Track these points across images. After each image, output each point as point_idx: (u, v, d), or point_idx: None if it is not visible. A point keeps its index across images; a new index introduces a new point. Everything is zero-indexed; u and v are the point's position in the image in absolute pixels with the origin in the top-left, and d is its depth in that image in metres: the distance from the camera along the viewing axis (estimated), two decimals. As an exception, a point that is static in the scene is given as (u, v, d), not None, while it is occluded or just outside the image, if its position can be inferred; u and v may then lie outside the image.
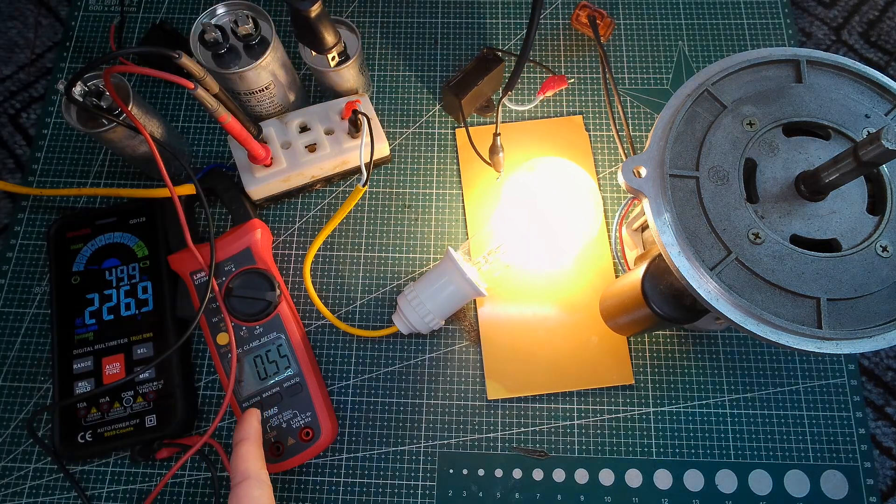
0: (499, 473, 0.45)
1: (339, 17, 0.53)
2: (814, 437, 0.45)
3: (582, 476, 0.44)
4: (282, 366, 0.44)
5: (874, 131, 0.32)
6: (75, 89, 0.41)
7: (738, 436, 0.45)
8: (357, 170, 0.51)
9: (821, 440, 0.45)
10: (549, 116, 0.53)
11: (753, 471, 0.44)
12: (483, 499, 0.44)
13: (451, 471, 0.45)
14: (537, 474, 0.45)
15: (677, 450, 0.45)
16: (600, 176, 0.51)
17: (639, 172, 0.35)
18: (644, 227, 0.46)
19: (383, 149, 0.50)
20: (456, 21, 0.57)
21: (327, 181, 0.51)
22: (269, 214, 0.51)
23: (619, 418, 0.46)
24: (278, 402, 0.44)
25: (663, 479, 0.44)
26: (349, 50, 0.47)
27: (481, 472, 0.45)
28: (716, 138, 0.35)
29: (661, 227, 0.33)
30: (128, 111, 0.42)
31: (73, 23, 0.57)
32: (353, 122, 0.47)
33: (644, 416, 0.46)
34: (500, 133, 0.49)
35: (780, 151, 0.35)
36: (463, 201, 0.51)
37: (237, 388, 0.44)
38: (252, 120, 0.46)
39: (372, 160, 0.47)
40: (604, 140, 0.52)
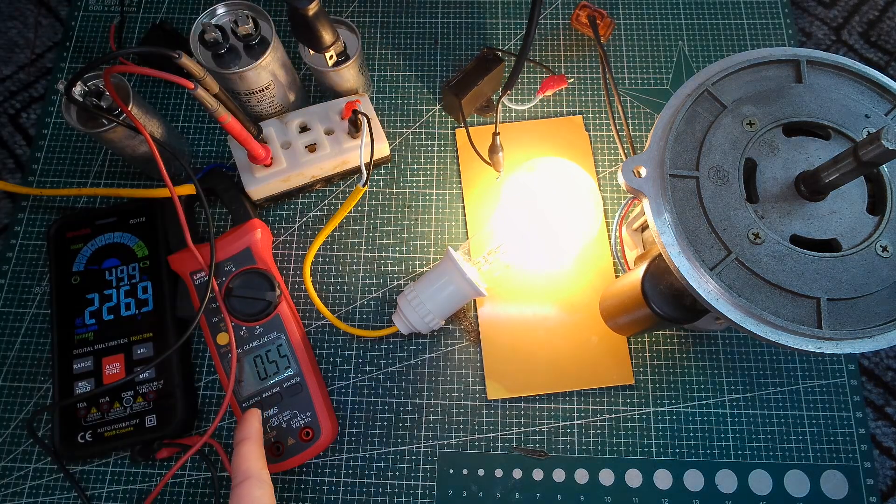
0: (499, 473, 0.45)
1: (339, 17, 0.53)
2: (814, 437, 0.45)
3: (582, 476, 0.44)
4: (282, 366, 0.44)
5: (874, 131, 0.32)
6: (75, 89, 0.41)
7: (738, 436, 0.45)
8: (357, 170, 0.51)
9: (821, 440, 0.45)
10: (549, 116, 0.53)
11: (753, 471, 0.44)
12: (483, 499, 0.44)
13: (451, 471, 0.45)
14: (537, 474, 0.45)
15: (677, 450, 0.45)
16: (600, 176, 0.51)
17: (639, 172, 0.35)
18: (644, 227, 0.46)
19: (383, 149, 0.50)
20: (456, 21, 0.57)
21: (327, 181, 0.51)
22: (269, 214, 0.51)
23: (619, 418, 0.46)
24: (278, 402, 0.44)
25: (663, 479, 0.44)
26: (349, 50, 0.47)
27: (481, 472, 0.45)
28: (716, 138, 0.35)
29: (661, 227, 0.33)
30: (128, 111, 0.42)
31: (73, 23, 0.57)
32: (353, 122, 0.47)
33: (644, 416, 0.46)
34: (500, 133, 0.49)
35: (780, 151, 0.35)
36: (463, 201, 0.51)
37: (237, 388, 0.44)
38: (252, 120, 0.46)
39: (372, 160, 0.47)
40: (604, 140, 0.52)
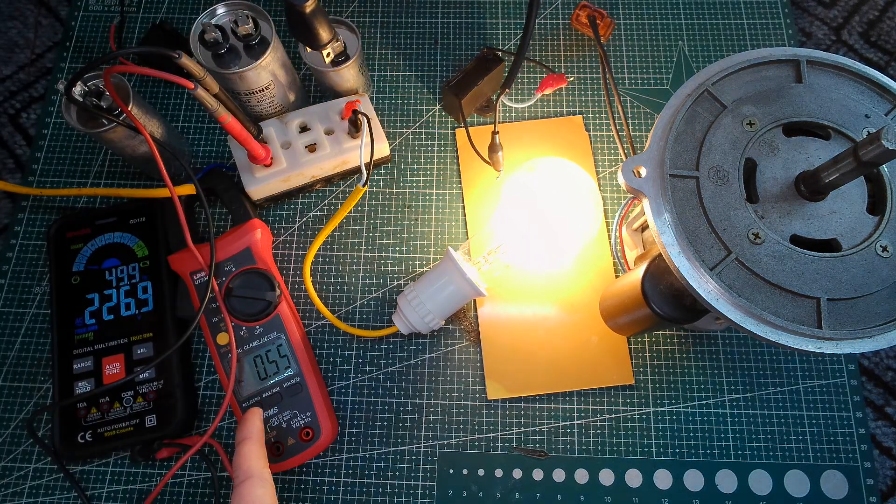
0: (499, 473, 0.45)
1: (339, 17, 0.53)
2: (814, 437, 0.45)
3: (582, 476, 0.44)
4: (282, 366, 0.44)
5: (874, 131, 0.32)
6: (75, 89, 0.41)
7: (738, 436, 0.45)
8: (357, 170, 0.51)
9: (821, 440, 0.45)
10: (549, 116, 0.53)
11: (753, 471, 0.44)
12: (483, 499, 0.44)
13: (451, 471, 0.45)
14: (537, 474, 0.45)
15: (677, 450, 0.45)
16: (600, 176, 0.51)
17: (639, 172, 0.35)
18: (644, 227, 0.46)
19: (383, 149, 0.50)
20: (456, 21, 0.57)
21: (327, 181, 0.51)
22: (269, 214, 0.51)
23: (619, 418, 0.46)
24: (278, 402, 0.44)
25: (663, 479, 0.44)
26: (349, 50, 0.47)
27: (481, 472, 0.45)
28: (716, 138, 0.35)
29: (661, 227, 0.33)
30: (128, 111, 0.42)
31: (73, 23, 0.57)
32: (353, 122, 0.47)
33: (644, 416, 0.46)
34: (501, 133, 0.49)
35: (780, 151, 0.35)
36: (463, 201, 0.51)
37: (237, 388, 0.44)
38: (252, 120, 0.46)
39: (372, 160, 0.47)
40: (604, 140, 0.52)
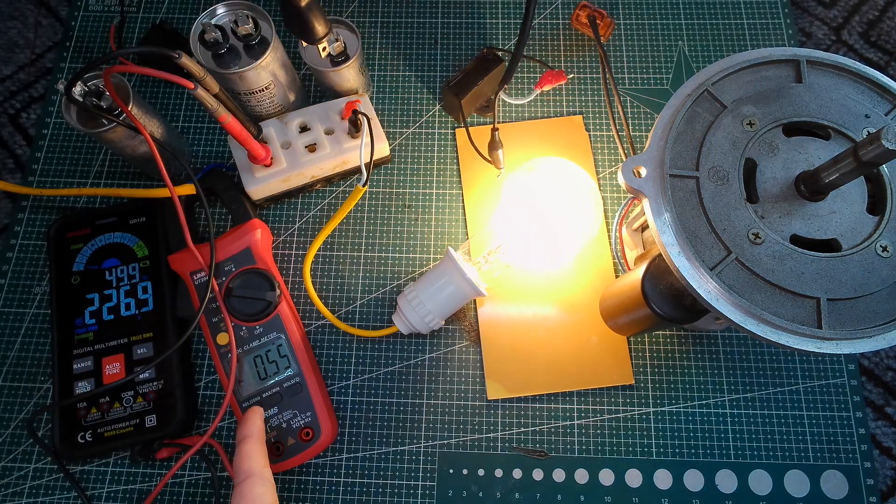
0: (499, 473, 0.45)
1: (339, 17, 0.53)
2: (814, 437, 0.45)
3: (582, 476, 0.44)
4: (282, 366, 0.44)
5: (874, 131, 0.32)
6: (75, 89, 0.41)
7: (738, 436, 0.45)
8: (357, 170, 0.51)
9: (821, 440, 0.45)
10: (549, 116, 0.53)
11: (753, 471, 0.44)
12: (483, 499, 0.44)
13: (451, 471, 0.45)
14: (537, 474, 0.45)
15: (677, 450, 0.45)
16: (600, 176, 0.51)
17: (639, 172, 0.35)
18: (644, 227, 0.46)
19: (383, 149, 0.50)
20: (456, 21, 0.57)
21: (327, 181, 0.51)
22: (269, 214, 0.51)
23: (619, 418, 0.46)
24: (278, 402, 0.44)
25: (663, 479, 0.44)
26: (349, 50, 0.47)
27: (481, 472, 0.45)
28: (716, 138, 0.35)
29: (661, 227, 0.33)
30: (128, 111, 0.42)
31: (73, 23, 0.57)
32: (353, 122, 0.47)
33: (644, 416, 0.46)
34: (501, 133, 0.49)
35: (780, 151, 0.35)
36: (463, 201, 0.51)
37: (237, 388, 0.44)
38: (252, 120, 0.46)
39: (372, 160, 0.47)
40: (604, 140, 0.52)
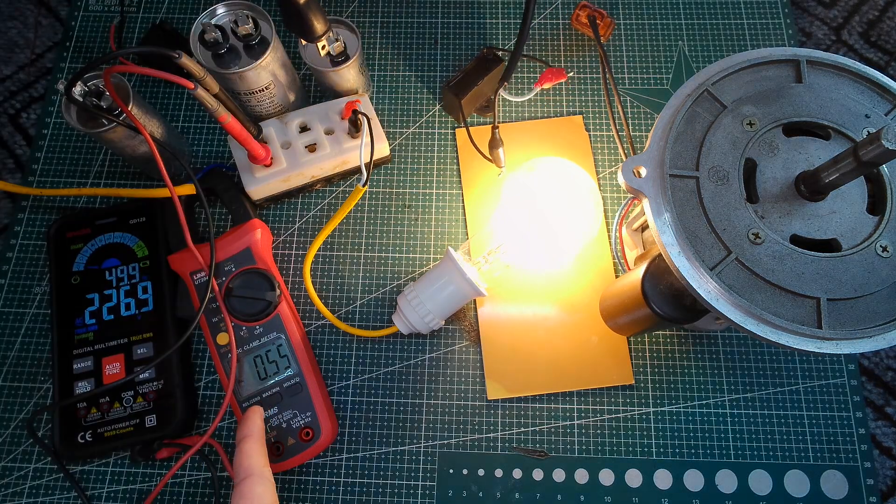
0: (499, 473, 0.45)
1: (339, 17, 0.52)
2: (814, 437, 0.45)
3: (582, 476, 0.44)
4: (282, 366, 0.44)
5: (874, 131, 0.32)
6: (75, 89, 0.41)
7: (738, 436, 0.45)
8: (357, 170, 0.51)
9: (821, 440, 0.45)
10: (549, 116, 0.53)
11: (753, 471, 0.44)
12: (483, 499, 0.44)
13: (451, 471, 0.45)
14: (537, 474, 0.45)
15: (677, 450, 0.45)
16: (600, 176, 0.51)
17: (639, 172, 0.35)
18: (644, 227, 0.46)
19: (383, 149, 0.50)
20: (456, 21, 0.57)
21: (327, 181, 0.51)
22: (269, 214, 0.51)
23: (619, 418, 0.46)
24: (278, 402, 0.44)
25: (663, 479, 0.44)
26: (349, 50, 0.47)
27: (481, 472, 0.45)
28: (716, 138, 0.35)
29: (661, 227, 0.33)
30: (128, 111, 0.42)
31: (73, 23, 0.57)
32: (353, 122, 0.47)
33: (644, 416, 0.46)
34: (501, 133, 0.49)
35: (780, 151, 0.35)
36: (463, 201, 0.51)
37: (237, 388, 0.44)
38: (252, 120, 0.46)
39: (372, 160, 0.47)
40: (604, 140, 0.52)
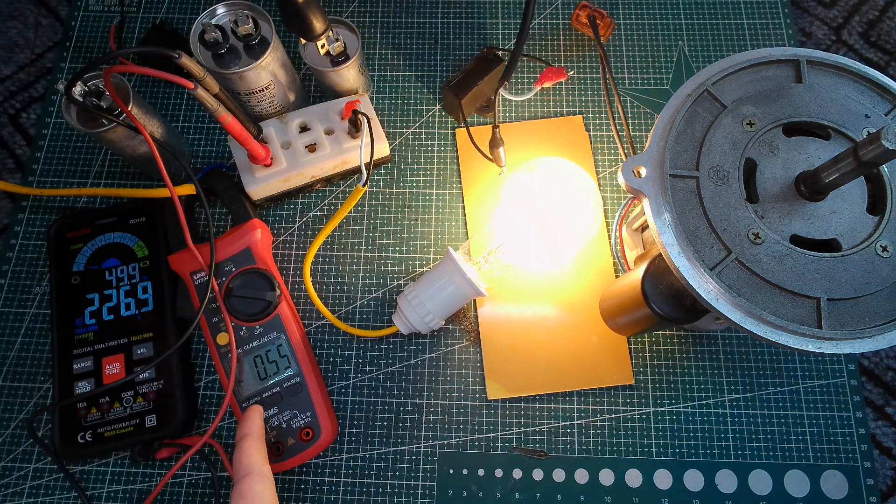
0: (499, 473, 0.45)
1: (339, 17, 0.52)
2: (814, 437, 0.45)
3: (582, 476, 0.44)
4: (282, 366, 0.44)
5: (874, 131, 0.32)
6: (75, 89, 0.41)
7: (738, 436, 0.45)
8: (357, 170, 0.51)
9: (821, 440, 0.45)
10: (549, 116, 0.53)
11: (753, 471, 0.44)
12: (483, 499, 0.44)
13: (451, 471, 0.45)
14: (537, 474, 0.45)
15: (677, 450, 0.45)
16: (600, 176, 0.51)
17: (639, 172, 0.35)
18: (644, 227, 0.46)
19: (383, 149, 0.50)
20: (456, 21, 0.57)
21: (327, 181, 0.51)
22: (269, 214, 0.51)
23: (619, 418, 0.46)
24: (278, 402, 0.44)
25: (663, 479, 0.44)
26: (349, 50, 0.47)
27: (481, 472, 0.45)
28: (716, 138, 0.35)
29: (661, 227, 0.33)
30: (128, 111, 0.42)
31: (73, 23, 0.57)
32: (353, 122, 0.47)
33: (644, 416, 0.46)
34: (501, 134, 0.49)
35: (780, 151, 0.34)
36: (463, 201, 0.51)
37: (237, 388, 0.44)
38: (252, 120, 0.46)
39: (372, 160, 0.47)
40: (604, 140, 0.52)
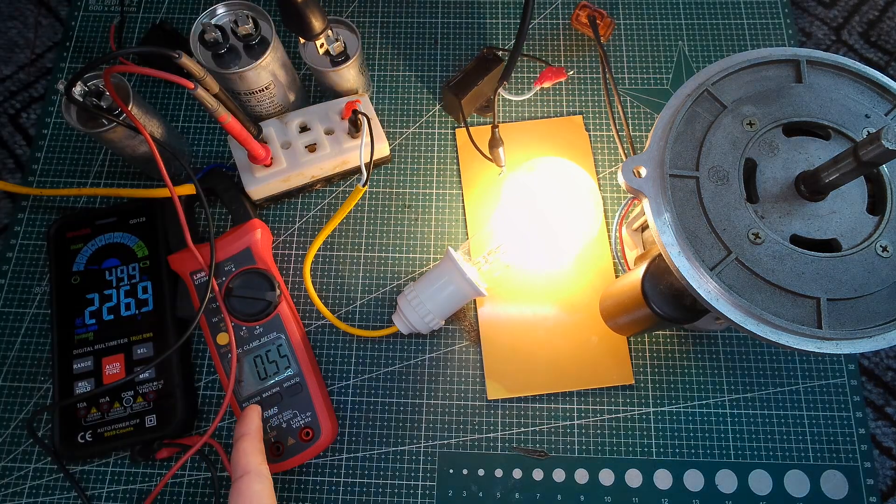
0: (499, 473, 0.45)
1: (339, 17, 0.52)
2: (814, 437, 0.45)
3: (582, 476, 0.44)
4: (282, 366, 0.44)
5: (874, 131, 0.32)
6: (75, 89, 0.41)
7: (738, 436, 0.45)
8: (357, 170, 0.51)
9: (821, 440, 0.45)
10: (549, 116, 0.53)
11: (753, 471, 0.44)
12: (483, 499, 0.44)
13: (451, 471, 0.45)
14: (537, 474, 0.45)
15: (677, 450, 0.45)
16: (600, 176, 0.51)
17: (639, 172, 0.35)
18: (644, 227, 0.46)
19: (383, 149, 0.50)
20: (456, 21, 0.57)
21: (327, 181, 0.51)
22: (269, 214, 0.51)
23: (619, 418, 0.46)
24: (278, 402, 0.44)
25: (663, 479, 0.44)
26: (349, 50, 0.47)
27: (481, 472, 0.45)
28: (716, 138, 0.35)
29: (661, 227, 0.33)
30: (128, 111, 0.42)
31: (73, 23, 0.57)
32: (353, 122, 0.47)
33: (644, 416, 0.46)
34: (501, 134, 0.49)
35: (780, 151, 0.35)
36: (463, 201, 0.51)
37: (237, 388, 0.44)
38: (252, 120, 0.46)
39: (372, 160, 0.47)
40: (604, 140, 0.52)
